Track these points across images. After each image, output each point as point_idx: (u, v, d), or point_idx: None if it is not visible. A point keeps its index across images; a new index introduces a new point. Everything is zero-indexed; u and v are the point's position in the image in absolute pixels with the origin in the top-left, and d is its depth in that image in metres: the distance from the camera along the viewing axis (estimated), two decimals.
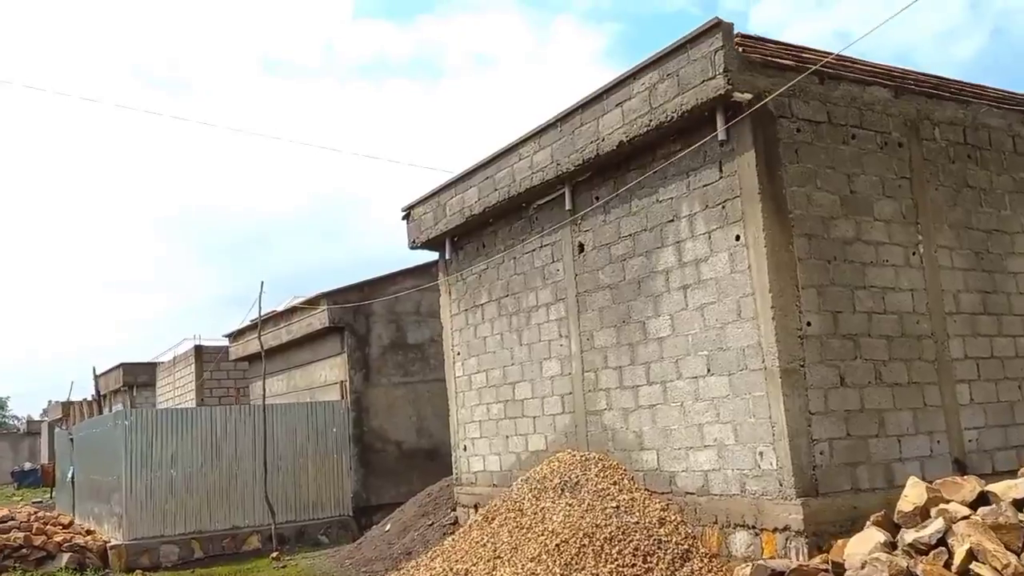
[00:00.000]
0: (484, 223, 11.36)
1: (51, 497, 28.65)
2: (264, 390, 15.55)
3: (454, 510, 12.56)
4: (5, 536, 13.37)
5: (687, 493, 8.25)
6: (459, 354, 12.29)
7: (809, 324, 7.44)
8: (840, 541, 6.38)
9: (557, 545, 8.34)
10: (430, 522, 12.87)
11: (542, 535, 8.71)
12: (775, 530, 7.27)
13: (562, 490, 9.41)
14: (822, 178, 7.81)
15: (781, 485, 7.23)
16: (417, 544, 12.21)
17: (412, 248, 12.77)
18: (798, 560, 6.75)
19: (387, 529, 13.46)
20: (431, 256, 15.75)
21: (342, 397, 16.40)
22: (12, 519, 14.20)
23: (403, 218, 12.81)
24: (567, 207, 9.82)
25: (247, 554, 14.50)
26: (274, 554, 14.01)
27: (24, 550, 13.24)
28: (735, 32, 7.53)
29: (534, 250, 10.56)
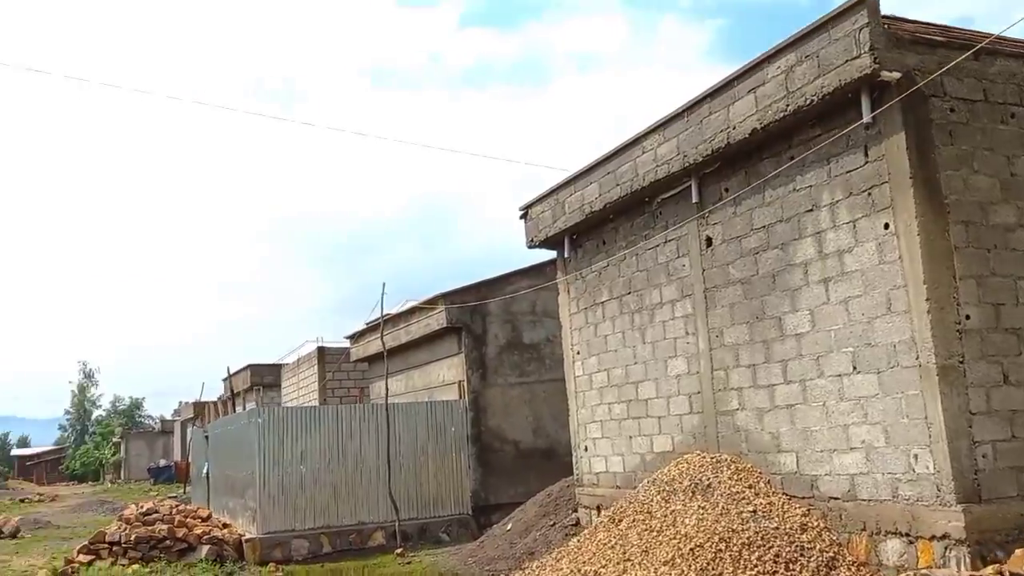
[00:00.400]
0: (604, 219, 11.17)
1: (185, 492, 30.14)
2: (387, 389, 15.82)
3: (575, 511, 12.42)
4: (151, 528, 14.05)
5: (831, 498, 7.82)
6: (579, 353, 12.14)
7: (968, 317, 6.91)
8: (1019, 551, 5.88)
9: (691, 549, 8.06)
10: (551, 522, 12.77)
11: (674, 538, 8.45)
12: (932, 538, 6.79)
13: (693, 492, 9.11)
14: (979, 160, 7.25)
15: (939, 490, 6.74)
16: (539, 544, 12.13)
17: (530, 247, 12.70)
18: (964, 571, 6.27)
19: (508, 528, 13.44)
20: (545, 256, 15.69)
21: (460, 397, 16.52)
22: (156, 512, 14.93)
23: (521, 217, 12.77)
24: (694, 200, 9.52)
25: (372, 550, 14.77)
26: (398, 550, 14.21)
27: (167, 542, 13.88)
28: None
29: (658, 246, 10.29)
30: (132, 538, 13.80)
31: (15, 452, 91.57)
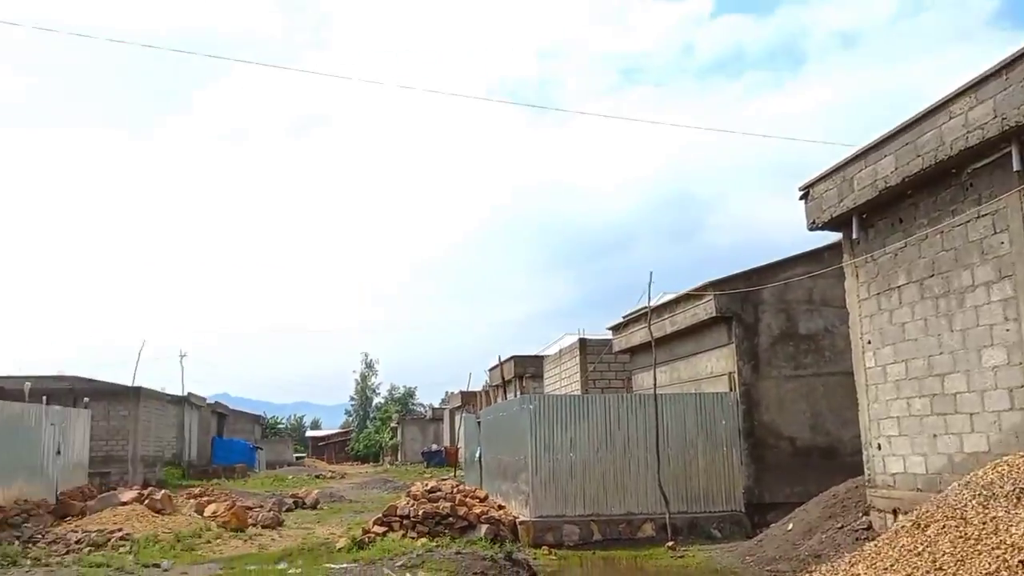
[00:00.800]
0: (901, 195, 10.17)
1: (455, 475, 32.04)
2: (655, 379, 15.65)
3: (866, 514, 11.50)
4: (435, 505, 15.01)
5: None
6: (869, 343, 11.18)
7: None
8: None
9: (1020, 562, 7.11)
10: (838, 525, 11.94)
11: (997, 548, 7.49)
12: None
13: (1019, 498, 8.03)
14: None
15: None
16: (826, 547, 11.37)
17: (811, 229, 11.91)
18: None
19: (789, 528, 12.75)
20: (822, 241, 14.75)
21: (730, 389, 15.95)
22: (439, 491, 15.93)
23: (801, 197, 12.01)
24: (1015, 168, 8.37)
25: (641, 541, 14.70)
26: (669, 543, 14.03)
27: (450, 519, 14.74)
28: None
29: (968, 222, 9.19)
30: (420, 513, 14.81)
31: (309, 434, 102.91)
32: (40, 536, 15.74)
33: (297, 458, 74.01)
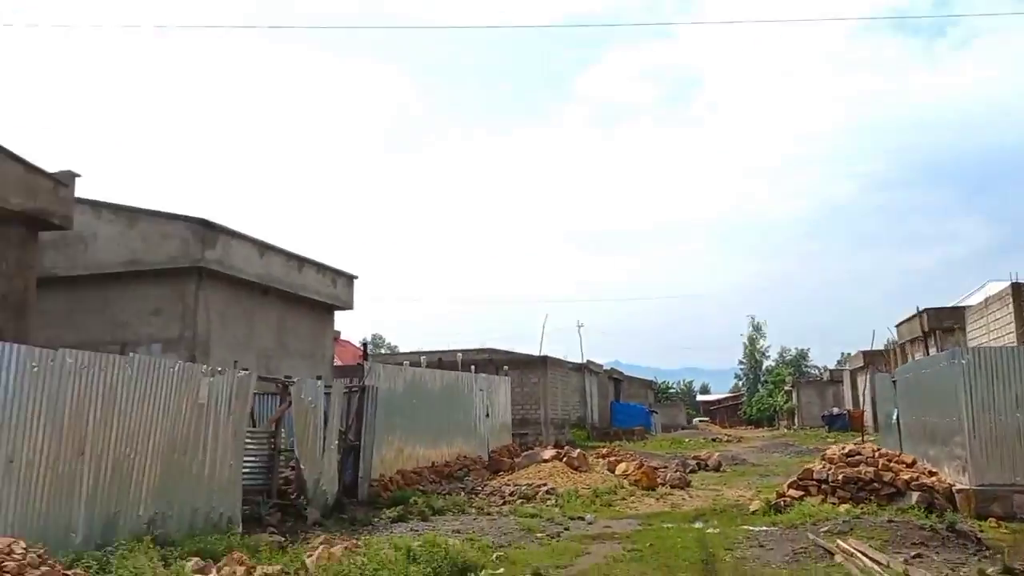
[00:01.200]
0: None
1: (862, 439, 29.81)
2: None
3: None
4: (855, 470, 13.98)
5: None
6: None
7: None
8: None
9: None
10: None
11: None
12: None
13: None
14: None
15: None
16: None
17: None
18: None
19: None
20: None
21: None
22: (858, 455, 14.77)
23: None
24: None
25: None
26: None
27: (874, 484, 13.61)
28: None
29: None
30: (839, 478, 13.93)
31: (699, 398, 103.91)
32: (480, 488, 17.81)
33: (700, 421, 75.08)
